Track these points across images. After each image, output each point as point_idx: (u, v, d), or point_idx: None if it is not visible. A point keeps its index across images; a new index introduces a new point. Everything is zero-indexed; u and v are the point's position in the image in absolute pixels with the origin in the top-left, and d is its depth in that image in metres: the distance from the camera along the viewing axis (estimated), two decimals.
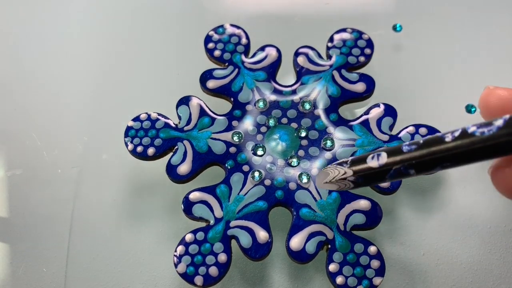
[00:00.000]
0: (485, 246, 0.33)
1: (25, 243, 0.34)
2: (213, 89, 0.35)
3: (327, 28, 0.38)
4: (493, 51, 0.41)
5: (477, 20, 0.42)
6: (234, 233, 0.30)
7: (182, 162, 0.32)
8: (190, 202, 0.31)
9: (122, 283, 0.33)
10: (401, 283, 0.32)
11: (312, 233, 0.30)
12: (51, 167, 0.36)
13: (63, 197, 0.35)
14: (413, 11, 0.43)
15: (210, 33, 0.37)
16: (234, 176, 0.32)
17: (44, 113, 0.39)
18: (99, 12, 0.44)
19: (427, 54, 0.41)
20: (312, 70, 0.36)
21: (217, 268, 0.30)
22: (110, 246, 0.34)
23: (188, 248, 0.30)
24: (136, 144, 0.33)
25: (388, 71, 0.40)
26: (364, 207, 0.31)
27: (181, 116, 0.34)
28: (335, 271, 0.30)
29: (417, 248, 0.33)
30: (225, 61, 0.36)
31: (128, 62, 0.41)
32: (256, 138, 0.33)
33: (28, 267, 0.33)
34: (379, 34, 0.41)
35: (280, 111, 0.34)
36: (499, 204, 0.34)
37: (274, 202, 0.31)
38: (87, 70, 0.41)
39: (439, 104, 0.38)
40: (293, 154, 0.33)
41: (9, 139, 0.38)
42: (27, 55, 0.42)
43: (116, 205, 0.35)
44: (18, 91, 0.40)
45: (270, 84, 0.35)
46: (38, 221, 0.35)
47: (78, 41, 0.42)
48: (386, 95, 0.38)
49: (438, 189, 0.35)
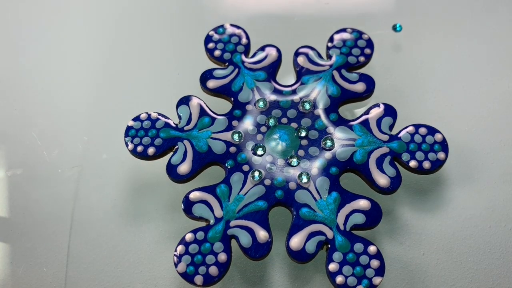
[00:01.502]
0: (485, 246, 0.33)
1: (25, 243, 0.34)
2: (213, 89, 0.35)
3: (327, 28, 0.38)
4: (493, 51, 0.41)
5: (477, 20, 0.42)
6: (234, 233, 0.30)
7: (182, 161, 0.32)
8: (190, 201, 0.31)
9: (122, 283, 0.33)
10: (401, 283, 0.32)
11: (312, 232, 0.30)
12: (51, 167, 0.37)
13: (63, 197, 0.35)
14: (413, 11, 0.43)
15: (210, 33, 0.37)
16: (234, 176, 0.32)
17: (44, 113, 0.39)
18: (99, 12, 0.44)
19: (427, 54, 0.41)
20: (312, 70, 0.36)
21: (217, 267, 0.30)
22: (110, 246, 0.34)
23: (188, 247, 0.30)
24: (136, 143, 0.33)
25: (388, 71, 0.40)
26: (364, 207, 0.31)
27: (181, 116, 0.34)
28: (335, 271, 0.30)
29: (417, 248, 0.33)
30: (225, 61, 0.36)
31: (128, 62, 0.41)
32: (256, 138, 0.33)
33: (28, 267, 0.33)
34: (379, 34, 0.41)
35: (280, 111, 0.34)
36: (499, 204, 0.34)
37: (274, 201, 0.31)
38: (87, 70, 0.41)
39: (439, 104, 0.38)
40: (293, 154, 0.33)
41: (9, 139, 0.38)
42: (27, 55, 0.42)
43: (116, 205, 0.35)
44: (18, 91, 0.40)
45: (270, 84, 0.35)
46: (38, 221, 0.35)
47: (78, 41, 0.42)
48: (386, 95, 0.38)
49: (438, 189, 0.35)
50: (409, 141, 0.33)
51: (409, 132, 0.33)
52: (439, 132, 0.33)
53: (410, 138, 0.33)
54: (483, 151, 0.36)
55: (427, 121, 0.34)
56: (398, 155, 0.33)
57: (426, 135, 0.33)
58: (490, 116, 0.38)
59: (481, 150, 0.36)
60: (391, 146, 0.33)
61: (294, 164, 0.32)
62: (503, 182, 0.35)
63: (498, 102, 0.38)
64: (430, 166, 0.32)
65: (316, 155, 0.33)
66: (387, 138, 0.33)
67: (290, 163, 0.33)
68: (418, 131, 0.33)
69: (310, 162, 0.33)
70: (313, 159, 0.33)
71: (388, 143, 0.33)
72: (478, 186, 0.35)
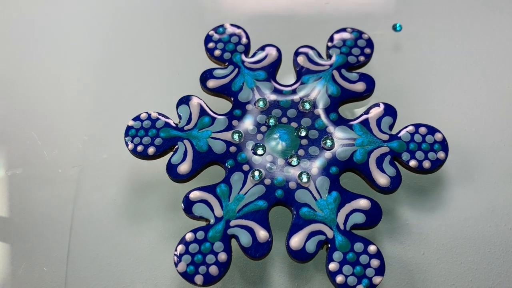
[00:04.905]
0: (485, 246, 0.33)
1: (25, 242, 0.34)
2: (213, 89, 0.35)
3: (327, 28, 0.38)
4: (493, 50, 0.41)
5: (477, 20, 0.42)
6: (234, 232, 0.30)
7: (182, 161, 0.33)
8: (191, 201, 0.31)
9: (122, 283, 0.33)
10: (400, 282, 0.32)
11: (312, 232, 0.30)
12: (51, 167, 0.37)
13: (63, 197, 0.35)
14: (413, 11, 0.43)
15: (210, 32, 0.37)
16: (234, 176, 0.32)
17: (44, 113, 0.39)
18: (99, 11, 0.44)
19: (427, 54, 0.41)
20: (312, 70, 0.36)
21: (217, 267, 0.30)
22: (110, 246, 0.34)
23: (188, 247, 0.30)
24: (137, 143, 0.33)
25: (388, 71, 0.40)
26: (364, 206, 0.31)
27: (181, 115, 0.34)
28: (335, 270, 0.30)
29: (417, 247, 0.33)
30: (225, 61, 0.36)
31: (128, 62, 0.41)
32: (256, 138, 0.34)
33: (29, 266, 0.33)
34: (379, 34, 0.41)
35: (280, 110, 0.34)
36: (499, 204, 0.34)
37: (274, 201, 0.31)
38: (87, 70, 0.41)
39: (439, 104, 0.38)
40: (293, 153, 0.33)
41: (9, 138, 0.38)
42: (27, 55, 0.42)
43: (116, 204, 0.35)
44: (18, 91, 0.40)
45: (270, 83, 0.35)
46: (38, 220, 0.35)
47: (78, 41, 0.43)
48: (386, 95, 0.38)
49: (438, 189, 0.35)
50: (409, 140, 0.33)
51: (409, 132, 0.33)
52: (439, 132, 0.33)
53: (410, 138, 0.33)
54: (483, 151, 0.36)
55: (427, 121, 0.34)
56: (398, 154, 0.33)
57: (426, 135, 0.33)
58: (490, 116, 0.38)
59: (481, 150, 0.36)
60: (391, 146, 0.33)
61: (294, 164, 0.32)
62: (503, 182, 0.35)
63: (498, 102, 0.38)
64: (430, 166, 0.32)
65: (316, 154, 0.33)
66: (387, 137, 0.33)
67: (290, 163, 0.33)
68: (418, 131, 0.33)
69: (310, 161, 0.33)
70: (313, 158, 0.33)
71: (388, 143, 0.33)
72: (478, 186, 0.35)
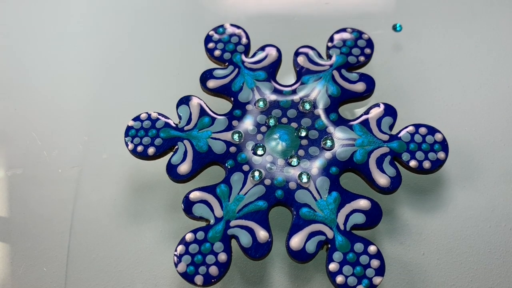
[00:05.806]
0: (485, 246, 0.33)
1: (25, 243, 0.34)
2: (213, 89, 0.35)
3: (327, 28, 0.38)
4: (493, 50, 0.41)
5: (477, 20, 0.42)
6: (234, 233, 0.30)
7: (182, 161, 0.33)
8: (190, 201, 0.31)
9: (122, 283, 0.33)
10: (401, 283, 0.32)
11: (312, 232, 0.30)
12: (51, 167, 0.37)
13: (63, 197, 0.35)
14: (413, 11, 0.43)
15: (210, 33, 0.37)
16: (234, 176, 0.32)
17: (44, 113, 0.39)
18: (99, 12, 0.44)
19: (427, 54, 0.41)
20: (312, 70, 0.36)
21: (217, 267, 0.30)
22: (110, 246, 0.34)
23: (188, 247, 0.30)
24: (137, 143, 0.33)
25: (388, 71, 0.40)
26: (364, 206, 0.31)
27: (181, 115, 0.34)
28: (335, 271, 0.30)
29: (417, 248, 0.33)
30: (225, 61, 0.36)
31: (128, 62, 0.41)
32: (256, 138, 0.34)
33: (29, 266, 0.33)
34: (379, 34, 0.41)
35: (280, 110, 0.34)
36: (499, 204, 0.34)
37: (274, 201, 0.31)
38: (87, 70, 0.41)
39: (439, 104, 0.38)
40: (293, 153, 0.33)
41: (9, 139, 0.38)
42: (27, 55, 0.42)
43: (116, 205, 0.35)
44: (18, 91, 0.40)
45: (270, 83, 0.35)
46: (38, 221, 0.35)
47: (78, 41, 0.43)
48: (386, 95, 0.38)
49: (438, 189, 0.35)
50: (409, 141, 0.33)
51: (409, 132, 0.33)
52: (439, 132, 0.33)
53: (410, 138, 0.33)
54: (483, 151, 0.36)
55: (427, 121, 0.34)
56: (398, 154, 0.33)
57: (426, 135, 0.33)
58: (490, 116, 0.38)
59: (481, 150, 0.36)
60: (391, 146, 0.33)
61: (294, 164, 0.32)
62: (503, 182, 0.35)
63: (498, 102, 0.38)
64: (430, 166, 0.32)
65: (316, 155, 0.33)
66: (387, 138, 0.33)
67: (290, 163, 0.33)
68: (418, 131, 0.33)
69: (310, 162, 0.33)
70: (313, 159, 0.33)
71: (388, 143, 0.33)
72: (478, 186, 0.35)
